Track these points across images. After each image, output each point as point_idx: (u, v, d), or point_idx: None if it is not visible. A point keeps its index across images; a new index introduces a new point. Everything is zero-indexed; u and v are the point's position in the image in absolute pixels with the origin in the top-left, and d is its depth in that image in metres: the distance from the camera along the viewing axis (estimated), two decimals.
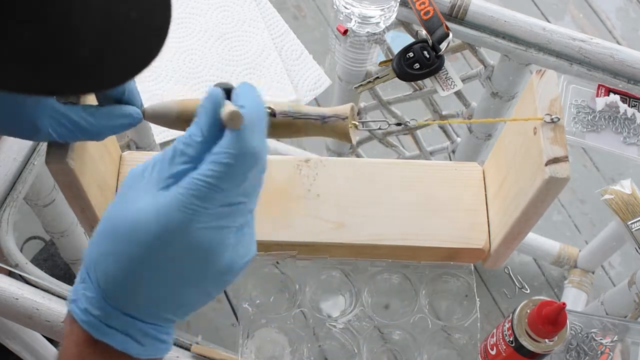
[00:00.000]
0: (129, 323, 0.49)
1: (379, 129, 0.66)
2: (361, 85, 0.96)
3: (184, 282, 0.49)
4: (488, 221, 0.75)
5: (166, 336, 0.51)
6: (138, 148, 1.20)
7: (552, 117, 0.63)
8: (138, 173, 0.50)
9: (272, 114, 0.62)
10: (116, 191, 0.74)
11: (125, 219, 0.48)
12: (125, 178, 0.51)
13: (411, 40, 0.92)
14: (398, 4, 0.93)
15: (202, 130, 0.49)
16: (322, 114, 0.63)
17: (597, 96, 0.93)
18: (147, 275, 0.48)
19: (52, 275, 0.84)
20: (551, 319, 0.76)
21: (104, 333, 0.49)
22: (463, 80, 0.98)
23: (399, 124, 0.67)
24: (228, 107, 0.48)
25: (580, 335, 0.87)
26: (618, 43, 1.66)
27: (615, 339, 0.87)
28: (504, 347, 0.80)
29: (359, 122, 0.64)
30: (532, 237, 1.42)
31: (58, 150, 0.61)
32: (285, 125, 0.63)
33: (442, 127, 1.23)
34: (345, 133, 0.63)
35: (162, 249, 0.48)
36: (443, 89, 0.91)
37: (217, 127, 0.49)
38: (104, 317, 0.49)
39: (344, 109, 0.63)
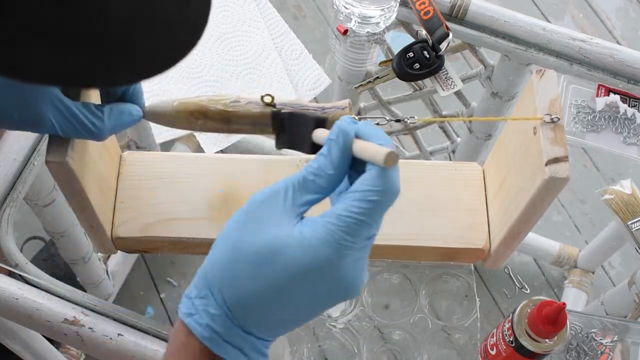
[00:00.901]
0: (245, 339, 0.50)
1: (377, 124, 0.66)
2: (361, 85, 0.96)
3: (317, 308, 0.51)
4: (488, 221, 0.75)
5: (266, 349, 0.52)
6: (138, 148, 1.20)
7: (552, 117, 0.63)
8: (265, 198, 0.52)
9: (272, 104, 0.63)
10: (116, 191, 0.74)
11: (265, 244, 0.49)
12: (248, 202, 0.52)
13: (411, 40, 0.92)
14: (398, 4, 0.93)
15: (333, 164, 0.52)
16: (321, 105, 0.64)
17: (597, 96, 0.93)
18: (283, 301, 0.50)
19: (52, 275, 0.84)
20: (551, 319, 0.76)
21: (224, 349, 0.50)
22: (463, 80, 0.98)
23: (397, 120, 0.67)
24: (381, 149, 0.50)
25: (580, 335, 0.87)
26: (618, 43, 1.66)
27: (615, 339, 0.88)
28: (504, 347, 0.80)
29: (358, 117, 0.64)
30: (532, 237, 1.42)
31: (58, 149, 0.61)
32: None
33: (442, 127, 1.23)
34: None
35: (306, 279, 0.49)
36: (443, 89, 0.91)
37: (347, 161, 0.52)
38: (225, 334, 0.50)
39: (343, 102, 0.64)
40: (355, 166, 0.53)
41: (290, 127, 0.63)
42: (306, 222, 0.50)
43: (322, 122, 0.61)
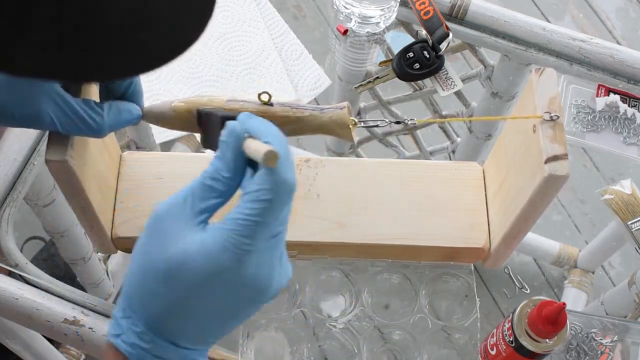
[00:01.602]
0: (175, 352, 0.51)
1: (377, 126, 0.66)
2: (361, 85, 0.96)
3: (233, 314, 0.52)
4: (488, 221, 0.75)
5: (202, 358, 0.53)
6: (138, 148, 1.20)
7: (552, 114, 0.63)
8: (167, 209, 0.52)
9: (269, 102, 0.63)
10: (116, 191, 0.74)
11: (169, 259, 0.50)
12: (151, 214, 0.52)
13: (411, 40, 0.92)
14: (398, 4, 0.93)
15: (227, 166, 0.51)
16: (319, 106, 0.64)
17: (597, 96, 0.93)
18: (197, 312, 0.50)
19: (52, 275, 0.84)
20: (551, 319, 0.76)
21: None
22: (463, 80, 0.98)
23: (397, 122, 0.67)
24: (261, 147, 0.49)
25: (580, 335, 0.87)
26: (618, 43, 1.65)
27: (615, 339, 0.87)
28: (504, 347, 0.80)
29: (358, 120, 0.65)
30: (532, 237, 1.42)
31: (58, 148, 0.61)
32: (282, 116, 0.63)
33: (442, 127, 1.23)
34: (345, 124, 0.63)
35: (211, 289, 0.49)
36: (443, 89, 0.91)
37: (242, 161, 0.51)
38: (152, 349, 0.51)
39: (342, 103, 0.64)
40: (256, 165, 0.52)
41: (207, 127, 0.63)
42: (209, 229, 0.50)
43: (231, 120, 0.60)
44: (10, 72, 0.41)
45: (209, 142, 0.63)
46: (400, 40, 0.94)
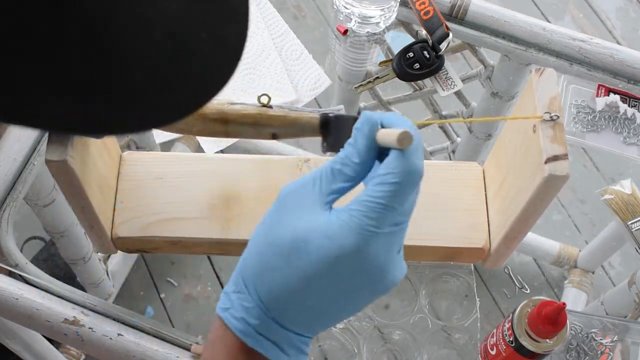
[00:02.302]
0: (281, 334, 0.51)
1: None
2: (361, 85, 0.96)
3: (348, 300, 0.51)
4: (488, 221, 0.75)
5: (306, 347, 0.52)
6: (138, 148, 1.20)
7: (552, 115, 0.63)
8: (295, 189, 0.52)
9: (269, 105, 0.63)
10: (116, 191, 0.74)
11: (294, 234, 0.49)
12: (279, 193, 0.52)
13: (411, 40, 0.92)
14: (398, 4, 0.93)
15: (359, 152, 0.52)
16: (316, 109, 0.65)
17: (597, 96, 0.93)
18: (314, 292, 0.50)
19: (52, 275, 0.84)
20: (551, 319, 0.76)
21: (258, 342, 0.50)
22: (463, 80, 0.98)
23: None
24: (396, 130, 0.50)
25: (580, 335, 0.87)
26: (618, 43, 1.66)
27: (615, 339, 0.88)
28: (504, 347, 0.80)
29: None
30: (532, 237, 1.42)
31: (58, 148, 0.61)
32: (280, 118, 0.63)
33: (442, 127, 1.22)
34: None
35: (334, 269, 0.49)
36: (443, 89, 0.91)
37: (373, 150, 0.52)
38: (259, 327, 0.50)
39: (338, 106, 0.65)
40: (383, 157, 0.53)
41: (335, 129, 0.64)
42: (334, 211, 0.50)
43: None
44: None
45: (336, 144, 0.64)
46: (400, 40, 0.95)
